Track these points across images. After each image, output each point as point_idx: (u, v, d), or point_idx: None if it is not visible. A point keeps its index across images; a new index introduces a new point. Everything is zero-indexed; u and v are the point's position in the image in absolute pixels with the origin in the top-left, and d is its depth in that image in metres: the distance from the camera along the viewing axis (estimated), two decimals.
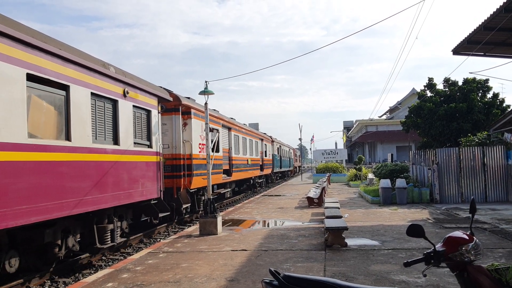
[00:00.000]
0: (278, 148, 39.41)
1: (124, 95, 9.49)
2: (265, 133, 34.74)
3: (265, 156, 31.46)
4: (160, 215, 11.25)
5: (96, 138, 8.40)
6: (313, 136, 57.58)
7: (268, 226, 12.02)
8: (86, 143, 7.95)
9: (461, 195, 16.24)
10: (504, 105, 25.18)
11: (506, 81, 66.66)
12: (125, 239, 10.22)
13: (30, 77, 6.53)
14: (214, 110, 18.44)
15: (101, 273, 7.13)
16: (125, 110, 9.53)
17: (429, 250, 2.76)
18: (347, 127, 78.18)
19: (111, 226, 9.14)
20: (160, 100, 11.59)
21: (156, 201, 11.17)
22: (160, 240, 11.15)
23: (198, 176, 14.10)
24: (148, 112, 10.90)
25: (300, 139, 45.80)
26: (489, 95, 25.51)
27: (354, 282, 5.99)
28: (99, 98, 8.56)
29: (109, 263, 9.07)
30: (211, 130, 14.98)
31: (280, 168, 41.02)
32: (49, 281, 7.71)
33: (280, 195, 22.33)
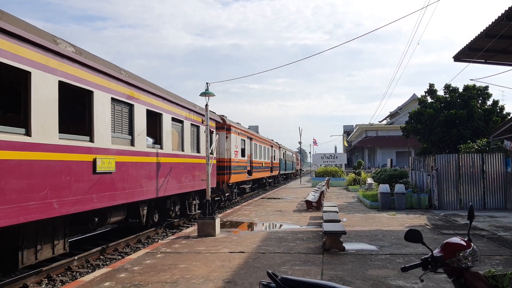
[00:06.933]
0: (283, 153, 44.54)
1: (202, 122, 15.05)
2: (272, 140, 38.98)
3: (274, 160, 36.43)
4: (216, 198, 16.43)
5: (190, 149, 14.03)
6: (314, 140, 54.76)
7: (266, 228, 12.02)
8: (189, 152, 13.94)
9: (459, 202, 16.25)
10: (504, 112, 25.21)
11: (506, 88, 66.70)
12: (198, 211, 15.02)
13: (172, 118, 12.49)
14: (238, 123, 23.18)
15: (98, 273, 7.13)
16: (202, 131, 15.03)
17: (427, 256, 2.77)
18: (347, 131, 78.12)
19: (194, 202, 14.65)
20: (216, 123, 17.54)
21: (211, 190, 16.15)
22: (158, 241, 11.15)
23: (235, 174, 20.46)
24: (211, 132, 15.58)
25: (299, 142, 45.89)
26: (489, 102, 25.55)
27: (351, 286, 6.00)
28: (193, 126, 14.46)
29: (107, 263, 9.06)
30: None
31: (285, 170, 46.00)
32: (46, 279, 7.72)
33: (278, 198, 22.34)
